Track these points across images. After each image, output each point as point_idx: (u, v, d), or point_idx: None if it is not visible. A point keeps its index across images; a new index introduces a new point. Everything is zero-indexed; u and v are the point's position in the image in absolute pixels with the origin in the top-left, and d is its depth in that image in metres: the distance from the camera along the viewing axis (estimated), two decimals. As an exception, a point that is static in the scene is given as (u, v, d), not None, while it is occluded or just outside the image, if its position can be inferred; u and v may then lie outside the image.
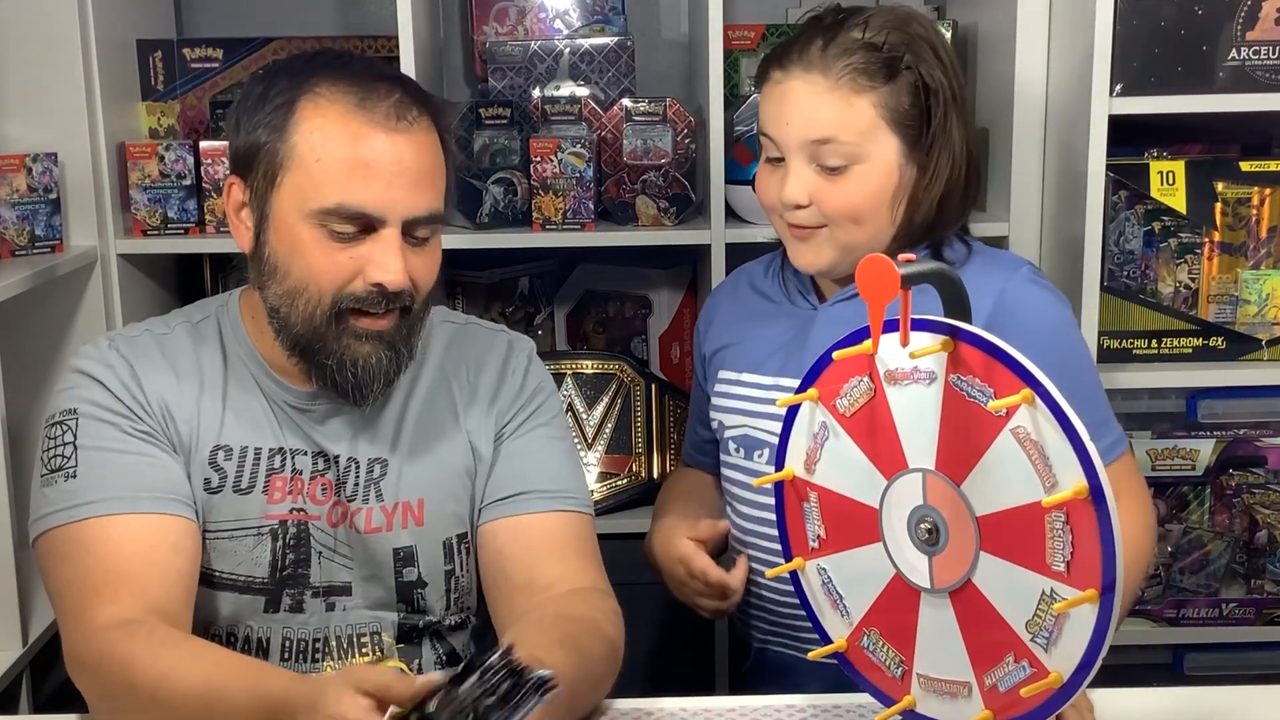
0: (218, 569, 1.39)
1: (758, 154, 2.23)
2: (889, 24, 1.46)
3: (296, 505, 1.40)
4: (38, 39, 2.03)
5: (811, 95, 1.44)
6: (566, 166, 2.14)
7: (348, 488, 1.41)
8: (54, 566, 1.32)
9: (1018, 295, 1.45)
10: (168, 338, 1.42)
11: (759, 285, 1.63)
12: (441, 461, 1.44)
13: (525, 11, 2.42)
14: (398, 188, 1.31)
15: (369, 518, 1.42)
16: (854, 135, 1.43)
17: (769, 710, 1.33)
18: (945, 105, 1.46)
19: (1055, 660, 1.06)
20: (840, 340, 1.17)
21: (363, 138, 1.31)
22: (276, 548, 1.40)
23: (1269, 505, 2.17)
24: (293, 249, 1.33)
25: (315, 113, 1.32)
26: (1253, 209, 2.03)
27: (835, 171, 1.44)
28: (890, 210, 1.47)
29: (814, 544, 1.23)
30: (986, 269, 1.48)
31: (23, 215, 2.01)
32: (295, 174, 1.32)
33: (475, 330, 1.54)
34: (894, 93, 1.44)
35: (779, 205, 1.48)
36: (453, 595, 1.47)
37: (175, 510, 1.34)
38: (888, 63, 1.44)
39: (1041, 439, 1.03)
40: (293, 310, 1.34)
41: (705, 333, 1.67)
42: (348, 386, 1.36)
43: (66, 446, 1.34)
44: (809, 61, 1.44)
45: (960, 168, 1.49)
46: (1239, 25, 1.94)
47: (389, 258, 1.32)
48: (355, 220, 1.31)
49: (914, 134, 1.46)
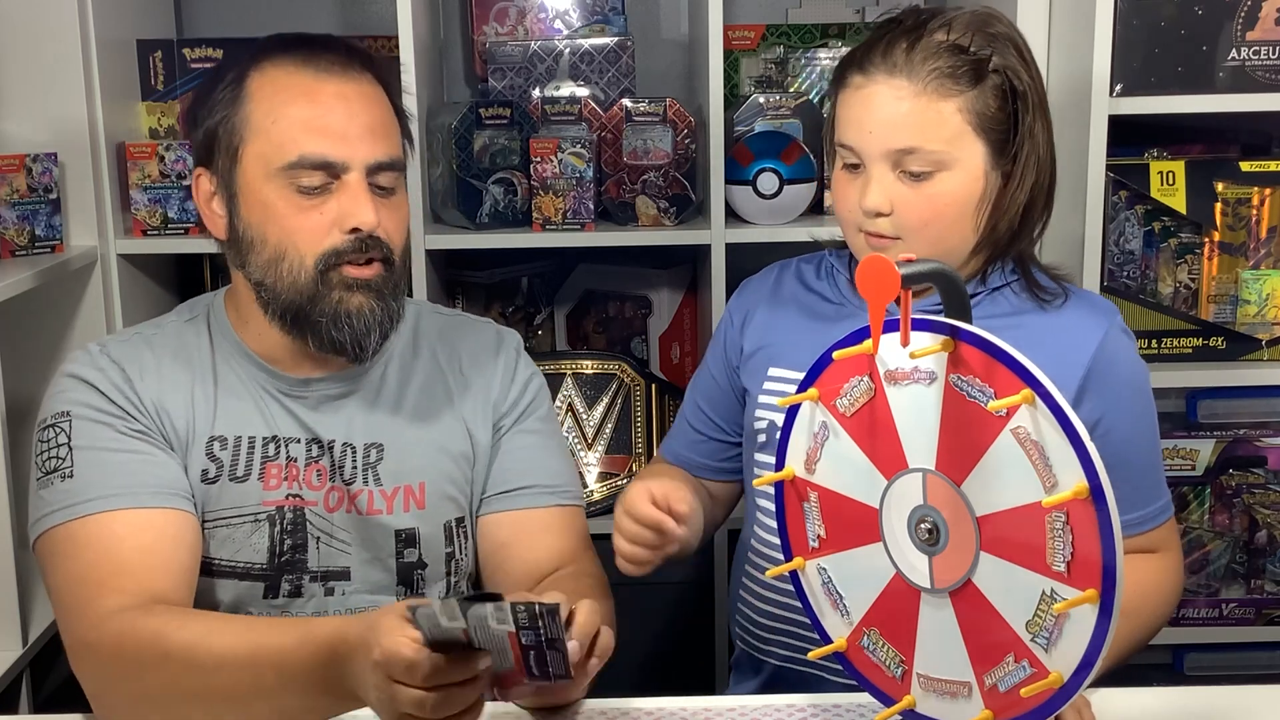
0: (217, 557, 1.40)
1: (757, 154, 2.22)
2: (973, 25, 1.39)
3: (293, 491, 1.41)
4: (38, 39, 2.03)
5: (896, 101, 1.36)
6: (566, 166, 2.14)
7: (346, 471, 1.43)
8: (55, 563, 1.33)
9: (1116, 345, 1.42)
10: (157, 336, 1.45)
11: (813, 285, 1.56)
12: (439, 446, 1.47)
13: (525, 11, 2.42)
14: (354, 134, 1.36)
15: (370, 500, 1.43)
16: (940, 143, 1.36)
17: (769, 710, 1.33)
18: (1032, 108, 1.39)
19: (1055, 660, 1.06)
20: (840, 340, 1.17)
21: (314, 91, 1.36)
22: (274, 533, 1.41)
23: (1269, 505, 2.17)
24: (265, 215, 1.36)
25: (265, 82, 1.37)
26: (1253, 209, 2.03)
27: (919, 178, 1.38)
28: (974, 218, 1.40)
29: (814, 544, 1.23)
30: (1090, 313, 1.44)
31: (23, 215, 2.01)
32: (255, 141, 1.36)
33: (464, 321, 1.58)
34: (980, 96, 1.37)
35: (859, 213, 1.41)
36: (452, 578, 1.49)
37: (175, 504, 1.35)
38: (975, 65, 1.37)
39: (1042, 439, 1.03)
40: (278, 278, 1.37)
41: (742, 329, 1.58)
42: (346, 340, 1.37)
43: (61, 448, 1.35)
44: (893, 64, 1.37)
45: (1046, 172, 1.43)
46: (1239, 25, 1.94)
47: (358, 203, 1.35)
48: (320, 169, 1.35)
49: (1000, 139, 1.39)
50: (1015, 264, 1.46)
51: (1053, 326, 1.42)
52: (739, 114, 2.24)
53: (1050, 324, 1.42)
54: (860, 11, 2.46)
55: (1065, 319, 1.43)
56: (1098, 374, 1.39)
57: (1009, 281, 1.46)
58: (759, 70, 2.43)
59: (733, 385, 1.59)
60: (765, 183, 2.17)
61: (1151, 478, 1.44)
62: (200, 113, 1.41)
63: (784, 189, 2.17)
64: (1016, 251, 1.46)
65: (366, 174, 1.36)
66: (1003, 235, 1.43)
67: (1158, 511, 1.44)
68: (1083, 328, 1.42)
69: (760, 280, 1.63)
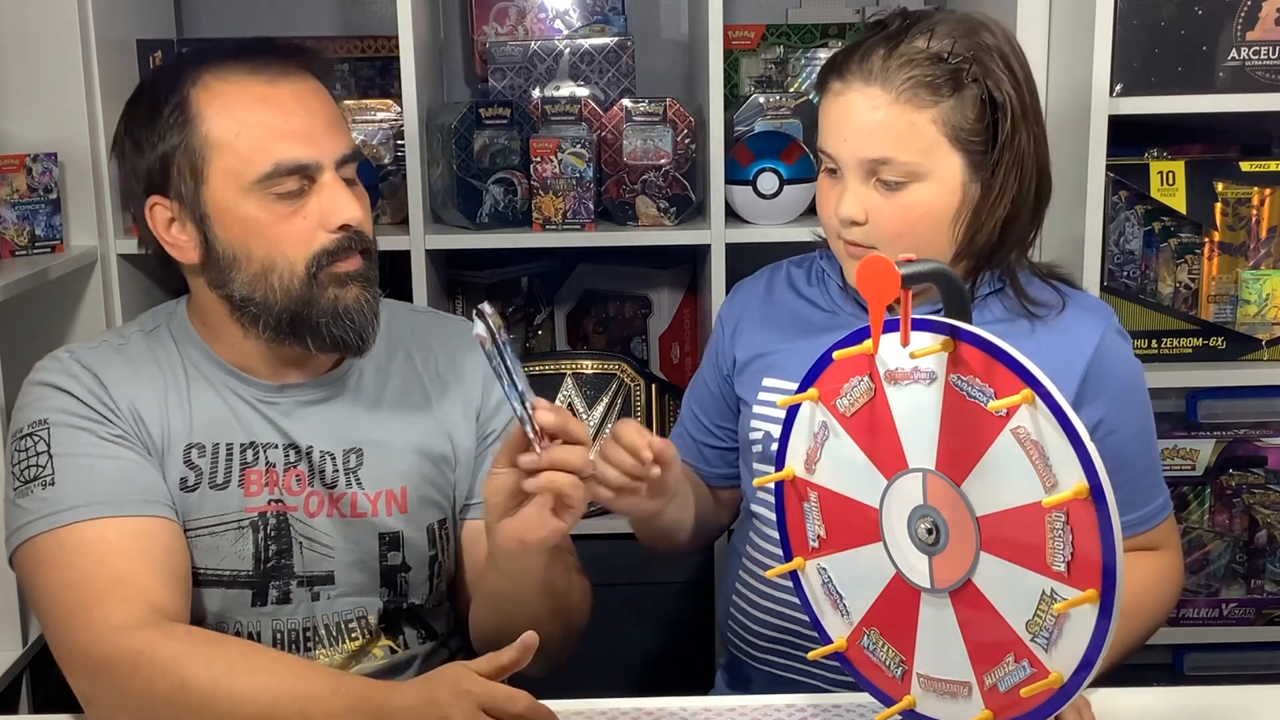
0: (202, 566, 1.38)
1: (757, 154, 2.23)
2: (956, 31, 1.36)
3: (274, 496, 1.40)
4: (38, 39, 2.03)
5: (870, 110, 1.35)
6: (566, 166, 2.14)
7: (328, 475, 1.42)
8: (43, 573, 1.29)
9: (1113, 345, 1.42)
10: (125, 347, 1.42)
11: (804, 291, 1.55)
12: (418, 450, 1.46)
13: (525, 11, 2.42)
14: (318, 132, 1.35)
15: (354, 503, 1.42)
16: (914, 154, 1.35)
17: (769, 710, 1.33)
18: (1014, 120, 1.36)
19: (1055, 660, 1.06)
20: (840, 340, 1.16)
21: (270, 98, 1.34)
22: (258, 539, 1.40)
23: (1269, 505, 2.17)
24: (246, 231, 1.34)
25: (213, 96, 1.34)
26: (1253, 209, 2.03)
27: (893, 188, 1.36)
28: (950, 230, 1.38)
29: (814, 544, 1.23)
30: (1086, 316, 1.43)
31: (23, 215, 2.01)
32: (220, 159, 1.33)
33: (438, 320, 1.59)
34: (958, 107, 1.35)
35: (834, 220, 1.41)
36: (435, 580, 1.49)
37: (160, 512, 1.33)
38: (952, 74, 1.34)
39: (1042, 439, 1.03)
40: (268, 290, 1.35)
41: (733, 337, 1.58)
42: (349, 335, 1.37)
43: (41, 456, 1.32)
44: (869, 72, 1.35)
45: (1030, 186, 1.39)
46: (1239, 25, 1.94)
47: (340, 200, 1.35)
48: (294, 173, 1.33)
49: (979, 151, 1.36)
50: (1003, 276, 1.44)
51: (1048, 331, 1.42)
52: (739, 114, 2.24)
53: (1045, 329, 1.42)
54: (860, 11, 2.46)
55: (1061, 323, 1.43)
56: (1095, 377, 1.39)
57: (997, 289, 1.45)
58: (759, 70, 2.44)
59: (724, 393, 1.59)
60: (765, 183, 2.17)
61: (1150, 477, 1.45)
62: (144, 140, 1.36)
63: (784, 189, 2.17)
64: (1003, 263, 1.43)
65: (336, 168, 1.36)
66: (982, 247, 1.41)
67: (1157, 510, 1.44)
68: (1079, 331, 1.42)
69: (751, 285, 1.61)
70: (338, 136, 1.37)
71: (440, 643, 1.50)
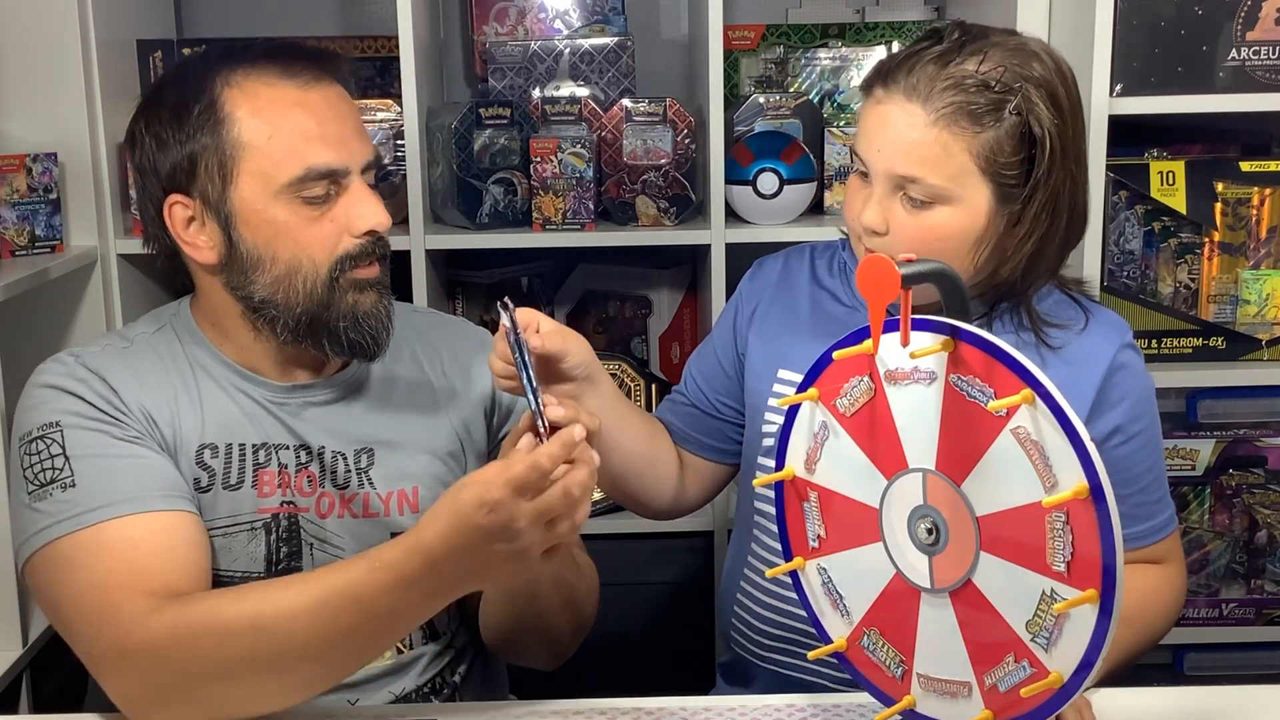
0: (214, 566, 1.38)
1: (757, 154, 2.22)
2: (1007, 59, 1.33)
3: (286, 498, 1.40)
4: (38, 39, 2.03)
5: (906, 127, 1.33)
6: (566, 166, 2.14)
7: (339, 475, 1.42)
8: (67, 574, 1.27)
9: (1127, 363, 1.42)
10: (130, 349, 1.41)
11: (825, 282, 1.54)
12: (428, 449, 1.46)
13: (525, 11, 2.42)
14: (348, 137, 1.36)
15: (366, 502, 1.43)
16: (942, 178, 1.33)
17: (769, 710, 1.33)
18: (1051, 157, 1.33)
19: (1055, 660, 1.06)
20: (840, 340, 1.17)
21: (302, 102, 1.35)
22: (270, 541, 1.40)
23: (1269, 505, 2.17)
24: (273, 233, 1.34)
25: (246, 98, 1.34)
26: (1253, 209, 2.03)
27: (918, 205, 1.35)
28: (970, 256, 1.36)
29: (814, 544, 1.23)
30: (1100, 330, 1.43)
31: (23, 215, 2.01)
32: (251, 160, 1.33)
33: (441, 320, 1.61)
34: (996, 138, 1.32)
35: (858, 224, 1.40)
36: None
37: (183, 506, 1.32)
38: (996, 104, 1.31)
39: (1042, 439, 1.03)
40: (290, 292, 1.35)
41: (750, 319, 1.57)
42: (365, 340, 1.38)
43: (56, 459, 1.30)
44: (913, 86, 1.33)
45: (1061, 223, 1.37)
46: (1239, 25, 1.94)
47: (367, 205, 1.36)
48: (325, 178, 1.34)
49: (1011, 184, 1.34)
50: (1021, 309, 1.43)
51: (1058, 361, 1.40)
52: (739, 114, 2.24)
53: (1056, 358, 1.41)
54: (860, 11, 2.46)
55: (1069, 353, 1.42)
56: (1108, 392, 1.39)
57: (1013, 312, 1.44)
58: (759, 70, 2.44)
59: (726, 368, 1.57)
60: (765, 183, 2.17)
61: (1157, 491, 1.45)
62: (170, 138, 1.35)
63: (784, 189, 2.17)
64: (1021, 299, 1.42)
65: (361, 174, 1.37)
66: (1004, 280, 1.39)
67: (1163, 524, 1.45)
68: (1093, 346, 1.41)
69: (769, 268, 1.60)
70: (364, 143, 1.38)
71: (447, 642, 1.50)
